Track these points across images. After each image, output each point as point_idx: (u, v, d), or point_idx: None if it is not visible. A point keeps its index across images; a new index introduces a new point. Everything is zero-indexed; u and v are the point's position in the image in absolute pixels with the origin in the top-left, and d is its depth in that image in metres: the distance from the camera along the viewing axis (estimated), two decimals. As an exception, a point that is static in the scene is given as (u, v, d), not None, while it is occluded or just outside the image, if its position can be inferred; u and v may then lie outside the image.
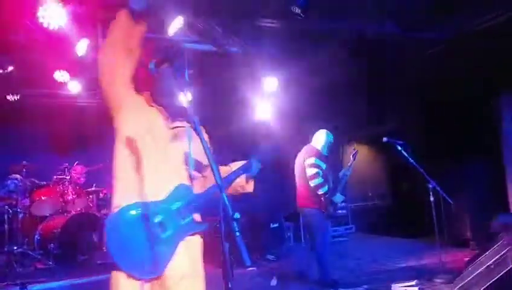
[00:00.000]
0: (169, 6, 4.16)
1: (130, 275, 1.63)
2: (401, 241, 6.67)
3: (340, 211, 7.17)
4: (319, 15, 4.70)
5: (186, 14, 4.55)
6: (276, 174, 6.40)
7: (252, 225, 6.02)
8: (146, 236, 1.66)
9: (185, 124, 1.94)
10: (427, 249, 5.53)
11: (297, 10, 4.62)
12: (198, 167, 1.93)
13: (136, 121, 1.81)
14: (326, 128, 4.70)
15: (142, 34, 1.81)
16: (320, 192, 4.27)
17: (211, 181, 1.94)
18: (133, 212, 1.68)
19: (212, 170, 1.53)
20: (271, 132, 6.01)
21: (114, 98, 1.80)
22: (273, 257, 6.24)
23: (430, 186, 4.26)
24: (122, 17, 1.74)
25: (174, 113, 1.90)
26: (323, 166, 4.36)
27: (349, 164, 4.69)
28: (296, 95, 6.29)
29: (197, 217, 1.86)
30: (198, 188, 1.89)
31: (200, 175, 1.95)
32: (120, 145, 1.79)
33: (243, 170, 2.08)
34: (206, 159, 1.94)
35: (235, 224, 1.38)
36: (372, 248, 6.45)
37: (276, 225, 6.91)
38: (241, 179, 2.13)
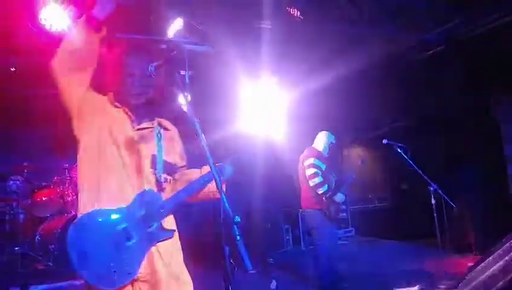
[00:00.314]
0: (169, 8, 4.17)
1: (95, 287, 1.56)
2: (402, 245, 6.64)
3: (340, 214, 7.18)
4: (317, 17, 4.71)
5: (184, 15, 4.57)
6: (274, 176, 6.39)
7: (251, 228, 6.00)
8: (110, 244, 1.60)
9: (154, 124, 1.86)
10: (429, 253, 5.50)
11: (297, 13, 4.64)
12: (169, 169, 1.85)
13: (97, 123, 1.74)
14: (327, 130, 4.72)
15: (104, 38, 1.75)
16: (320, 191, 4.25)
17: (181, 184, 1.89)
18: (96, 219, 1.61)
19: (212, 173, 1.51)
20: (264, 135, 5.98)
21: (72, 101, 1.73)
22: (272, 260, 6.22)
23: (431, 189, 4.24)
24: (81, 26, 1.68)
25: (141, 114, 1.83)
26: (323, 166, 4.35)
27: (354, 168, 4.71)
28: (294, 97, 6.28)
29: (166, 223, 1.77)
30: (169, 191, 1.82)
31: (170, 178, 1.87)
32: (82, 152, 1.74)
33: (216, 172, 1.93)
34: (181, 162, 1.96)
35: (236, 228, 1.38)
36: (373, 252, 6.43)
37: (274, 228, 6.91)
38: (213, 184, 1.86)
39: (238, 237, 1.37)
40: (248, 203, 5.86)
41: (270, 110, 6.00)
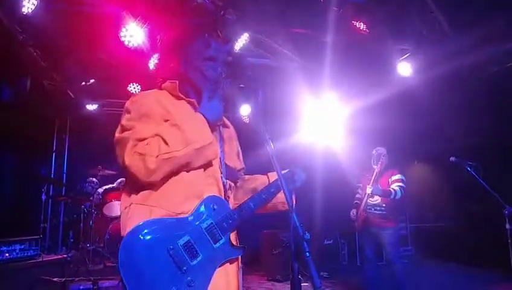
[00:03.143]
0: (238, 24, 4.35)
1: None
2: (467, 270, 6.16)
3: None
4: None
5: (250, 30, 4.73)
6: (332, 188, 6.29)
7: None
8: (170, 264, 1.28)
9: (218, 122, 1.62)
10: (500, 282, 5.06)
11: (363, 26, 4.59)
12: (231, 174, 1.61)
13: (162, 117, 1.49)
14: (384, 146, 4.64)
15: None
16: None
17: (244, 192, 1.71)
18: (153, 231, 1.28)
19: (281, 185, 1.38)
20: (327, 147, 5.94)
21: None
22: (326, 274, 6.11)
23: (506, 212, 3.91)
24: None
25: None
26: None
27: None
28: (355, 111, 6.18)
29: (233, 238, 1.50)
30: (231, 200, 1.59)
31: (233, 185, 1.63)
32: None
33: (284, 181, 1.68)
34: (240, 164, 1.73)
35: (305, 245, 1.38)
36: (435, 275, 6.04)
37: (330, 242, 6.78)
38: (281, 194, 1.65)
39: (307, 254, 1.37)
40: (307, 216, 5.84)
41: (330, 122, 5.97)
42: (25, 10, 3.48)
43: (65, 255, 5.56)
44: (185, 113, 1.48)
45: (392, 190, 4.23)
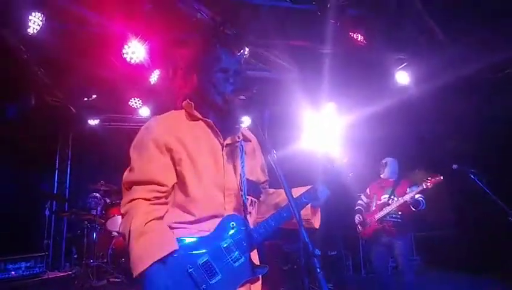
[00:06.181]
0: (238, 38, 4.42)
1: None
2: (474, 279, 6.10)
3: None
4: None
5: (250, 44, 4.80)
6: (333, 199, 6.28)
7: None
8: (189, 282, 1.30)
9: (240, 137, 1.59)
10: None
11: (360, 38, 4.65)
12: (254, 189, 1.57)
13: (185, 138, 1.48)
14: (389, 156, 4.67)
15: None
16: None
17: (267, 207, 1.67)
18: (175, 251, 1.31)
19: (289, 201, 1.33)
20: (331, 158, 5.94)
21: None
22: (331, 285, 6.05)
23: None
24: None
25: (226, 128, 1.54)
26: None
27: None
28: (354, 121, 6.20)
29: (254, 257, 1.48)
30: (253, 216, 1.56)
31: (256, 200, 1.59)
32: (177, 166, 1.47)
33: (307, 197, 1.61)
34: (264, 176, 1.69)
35: (315, 260, 1.38)
36: (441, 284, 5.99)
37: (334, 253, 6.72)
38: (305, 211, 1.63)
39: (318, 270, 1.36)
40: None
41: (329, 132, 6.00)
42: (30, 31, 3.55)
43: (70, 272, 5.55)
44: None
45: (421, 200, 4.24)
